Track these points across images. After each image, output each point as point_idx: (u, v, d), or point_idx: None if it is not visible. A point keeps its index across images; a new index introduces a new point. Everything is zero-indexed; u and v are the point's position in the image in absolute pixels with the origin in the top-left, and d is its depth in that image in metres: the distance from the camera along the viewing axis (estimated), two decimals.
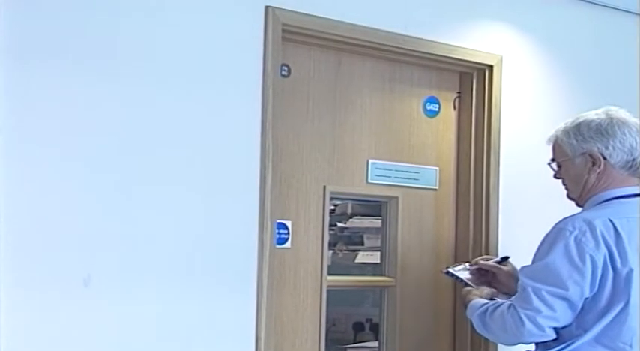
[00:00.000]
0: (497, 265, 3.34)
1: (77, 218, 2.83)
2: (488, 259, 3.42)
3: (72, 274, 2.81)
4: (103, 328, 2.85)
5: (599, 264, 2.92)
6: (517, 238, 3.63)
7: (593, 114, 3.11)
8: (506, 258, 3.38)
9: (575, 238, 2.93)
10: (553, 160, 3.18)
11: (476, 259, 3.46)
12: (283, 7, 3.20)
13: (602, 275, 2.92)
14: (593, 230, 2.93)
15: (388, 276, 3.67)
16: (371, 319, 4.11)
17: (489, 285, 3.31)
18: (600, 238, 2.92)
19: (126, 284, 2.90)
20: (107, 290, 2.86)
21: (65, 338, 2.79)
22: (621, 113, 3.10)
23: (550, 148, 3.19)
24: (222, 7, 3.11)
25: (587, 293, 2.93)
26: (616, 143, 3.05)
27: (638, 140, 3.06)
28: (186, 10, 3.04)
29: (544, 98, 3.93)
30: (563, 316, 2.94)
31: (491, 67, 3.75)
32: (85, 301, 2.82)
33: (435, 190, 3.76)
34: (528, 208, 3.76)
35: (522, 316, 2.94)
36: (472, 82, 3.78)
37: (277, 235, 3.28)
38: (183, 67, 3.03)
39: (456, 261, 3.67)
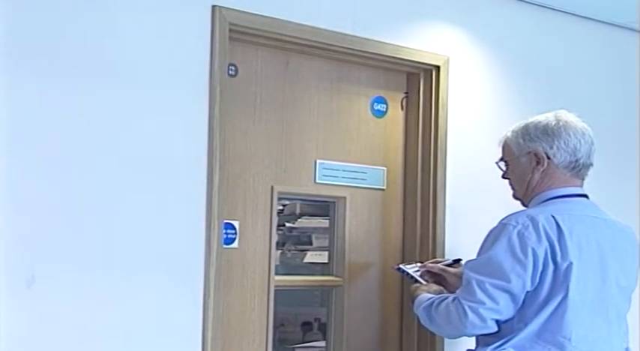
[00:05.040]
0: (445, 267, 3.39)
1: (22, 218, 2.80)
2: (438, 262, 3.47)
3: (16, 274, 2.77)
4: (46, 329, 2.82)
5: (541, 257, 2.97)
6: (463, 237, 3.66)
7: (543, 116, 3.18)
8: (458, 260, 3.42)
9: (519, 232, 2.99)
10: (501, 159, 3.24)
11: (426, 262, 3.50)
12: (230, 7, 3.20)
13: (543, 269, 2.98)
14: (535, 225, 2.99)
15: (336, 276, 3.68)
16: (319, 319, 4.11)
17: (439, 284, 3.36)
18: (542, 232, 2.98)
19: (70, 285, 2.87)
20: (52, 291, 2.83)
21: (10, 338, 2.76)
22: (570, 116, 3.17)
23: (500, 149, 3.25)
24: (169, 7, 3.09)
25: (528, 286, 2.98)
26: (560, 143, 3.11)
27: (582, 142, 3.13)
28: (132, 10, 3.02)
29: (490, 99, 3.96)
30: (506, 308, 2.99)
31: (438, 67, 3.77)
32: (29, 302, 2.79)
33: (383, 190, 3.77)
34: (475, 207, 3.79)
35: (466, 308, 2.99)
36: (419, 83, 3.80)
37: (225, 235, 3.28)
38: (129, 67, 3.01)
39: (404, 261, 3.69)
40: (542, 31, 4.14)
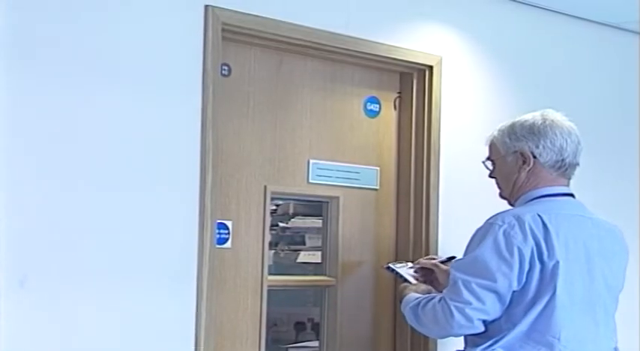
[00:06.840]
0: (438, 263, 3.39)
1: (17, 217, 2.79)
2: (432, 259, 3.47)
3: (8, 274, 2.77)
4: (39, 329, 2.82)
5: (527, 257, 2.97)
6: (457, 237, 3.64)
7: (530, 115, 3.18)
8: (452, 258, 3.42)
9: (504, 231, 2.99)
10: (488, 158, 3.24)
11: (420, 258, 3.51)
12: (223, 7, 3.20)
13: (530, 268, 2.98)
14: (521, 224, 2.99)
15: (329, 276, 3.68)
16: (312, 319, 4.12)
17: (430, 283, 3.36)
18: (529, 231, 2.98)
19: (63, 285, 2.87)
20: (44, 291, 2.83)
21: (6, 339, 2.76)
22: (556, 116, 3.17)
23: (487, 148, 3.25)
24: (162, 7, 3.09)
25: (515, 286, 2.98)
26: (547, 143, 3.11)
27: (568, 142, 3.13)
28: (126, 10, 3.02)
29: (483, 98, 3.97)
30: (492, 308, 2.99)
31: (431, 67, 3.78)
32: (21, 302, 2.79)
33: (376, 189, 3.77)
34: (468, 207, 3.79)
35: (452, 308, 2.99)
36: (412, 83, 3.80)
37: (218, 235, 3.27)
38: (122, 67, 3.00)
39: (397, 260, 3.69)
40: (536, 32, 4.15)
